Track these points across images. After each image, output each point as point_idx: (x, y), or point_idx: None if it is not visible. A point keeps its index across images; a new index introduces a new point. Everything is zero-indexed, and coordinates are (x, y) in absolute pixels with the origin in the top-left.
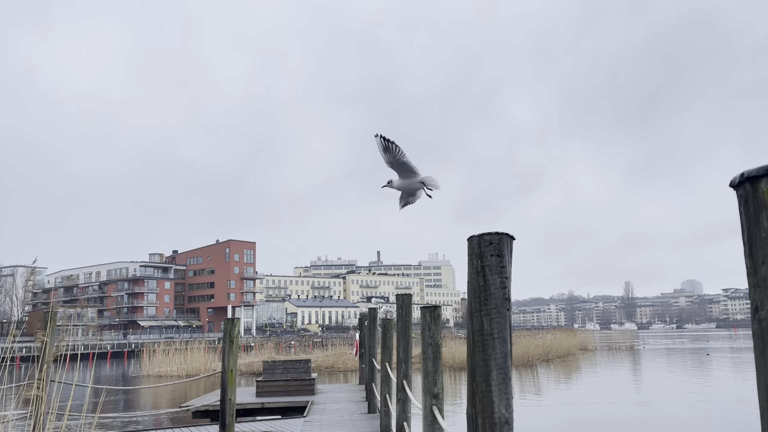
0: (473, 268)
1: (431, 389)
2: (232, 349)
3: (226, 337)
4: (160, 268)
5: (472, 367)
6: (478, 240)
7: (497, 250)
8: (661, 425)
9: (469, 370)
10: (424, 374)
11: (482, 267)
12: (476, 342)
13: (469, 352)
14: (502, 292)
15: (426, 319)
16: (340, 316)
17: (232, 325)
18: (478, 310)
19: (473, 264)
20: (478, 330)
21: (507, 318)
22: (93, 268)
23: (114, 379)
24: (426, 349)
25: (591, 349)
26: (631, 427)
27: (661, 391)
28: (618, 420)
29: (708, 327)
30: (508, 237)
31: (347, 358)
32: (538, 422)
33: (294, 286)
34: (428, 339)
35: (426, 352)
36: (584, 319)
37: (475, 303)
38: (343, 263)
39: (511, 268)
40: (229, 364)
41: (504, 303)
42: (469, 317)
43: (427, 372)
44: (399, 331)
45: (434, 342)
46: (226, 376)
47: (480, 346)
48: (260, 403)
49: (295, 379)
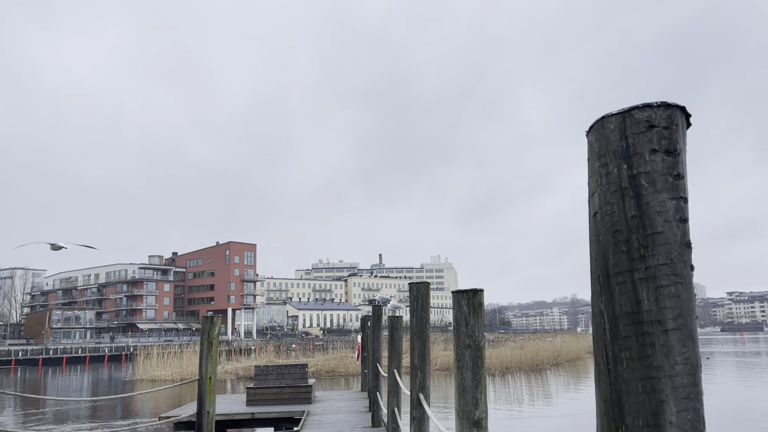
0: (609, 180)
1: (470, 413)
2: (211, 353)
3: (203, 339)
4: (159, 270)
5: (610, 392)
6: (622, 120)
7: (666, 139)
8: None
9: (601, 397)
10: (460, 390)
11: (633, 176)
12: (620, 338)
13: (598, 367)
14: (681, 229)
15: (462, 310)
16: (341, 319)
17: (211, 325)
18: (625, 268)
19: (609, 172)
20: (629, 312)
21: (690, 288)
22: (92, 270)
23: (103, 384)
24: (462, 354)
25: None
26: None
27: None
28: None
29: (712, 330)
30: (682, 113)
31: (348, 361)
32: None
33: (295, 288)
34: (465, 339)
35: (462, 358)
36: (587, 322)
37: (617, 255)
38: (344, 266)
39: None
40: (207, 370)
41: (684, 252)
42: (600, 285)
43: (464, 387)
44: (414, 330)
45: (474, 343)
46: (204, 386)
47: (633, 346)
48: (250, 414)
49: (290, 386)
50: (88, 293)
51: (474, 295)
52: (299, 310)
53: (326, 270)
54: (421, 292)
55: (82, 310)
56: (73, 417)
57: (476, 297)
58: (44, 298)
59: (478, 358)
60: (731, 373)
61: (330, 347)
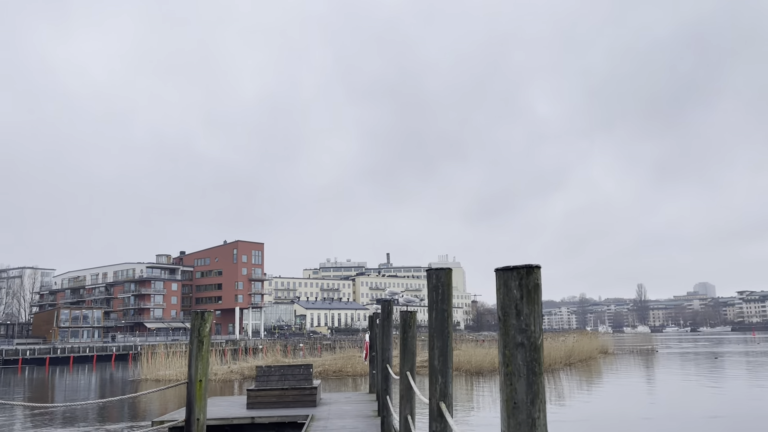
0: None
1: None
2: (202, 353)
3: (192, 337)
4: (167, 269)
5: None
6: None
7: None
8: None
9: None
10: (509, 406)
11: None
12: None
13: None
14: None
15: (511, 295)
16: (349, 318)
17: (201, 321)
18: None
19: None
20: None
21: None
22: (99, 270)
23: (107, 384)
24: (511, 357)
25: (612, 353)
26: None
27: (725, 399)
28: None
29: (723, 330)
30: None
31: (356, 361)
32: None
33: (303, 288)
34: (516, 335)
35: (511, 362)
36: (596, 321)
37: None
38: (352, 265)
39: None
40: (198, 372)
41: None
42: None
43: (515, 402)
44: (434, 326)
45: (530, 341)
46: (193, 389)
47: None
48: (250, 418)
49: (293, 388)
50: (96, 292)
51: (528, 274)
52: (307, 309)
53: (334, 269)
54: (441, 280)
55: (90, 309)
56: (66, 419)
57: (531, 276)
58: (53, 297)
59: (534, 362)
60: (743, 373)
61: (338, 346)
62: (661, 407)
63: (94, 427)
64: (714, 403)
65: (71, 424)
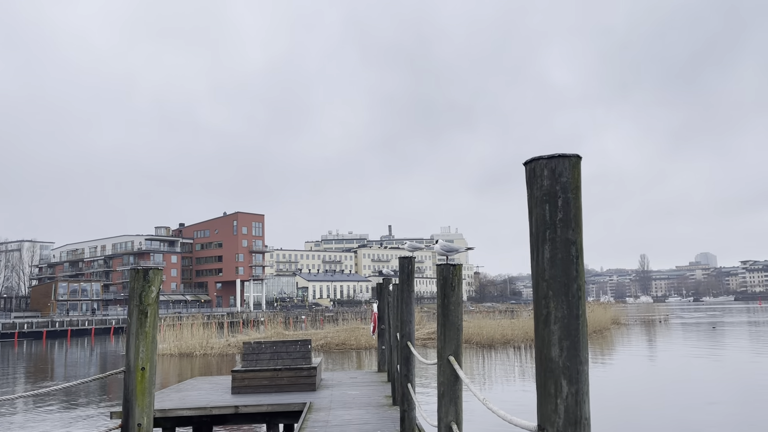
0: None
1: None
2: (145, 329)
3: (132, 306)
4: (166, 241)
5: None
6: None
7: None
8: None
9: None
10: None
11: None
12: None
13: None
14: None
15: None
16: (351, 290)
17: (144, 283)
18: None
19: None
20: None
21: None
22: (98, 242)
23: (98, 358)
24: None
25: (624, 323)
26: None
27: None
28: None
29: (726, 300)
30: None
31: (360, 333)
32: None
33: (305, 260)
34: None
35: None
36: (598, 292)
37: None
38: (354, 237)
39: None
40: (139, 356)
41: None
42: None
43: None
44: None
45: None
46: (132, 382)
47: None
48: (233, 407)
49: (288, 368)
50: (94, 265)
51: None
52: (309, 281)
53: (336, 241)
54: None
55: (88, 282)
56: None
57: None
58: (51, 270)
59: None
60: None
61: (341, 318)
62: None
63: (64, 410)
64: None
65: (41, 406)
